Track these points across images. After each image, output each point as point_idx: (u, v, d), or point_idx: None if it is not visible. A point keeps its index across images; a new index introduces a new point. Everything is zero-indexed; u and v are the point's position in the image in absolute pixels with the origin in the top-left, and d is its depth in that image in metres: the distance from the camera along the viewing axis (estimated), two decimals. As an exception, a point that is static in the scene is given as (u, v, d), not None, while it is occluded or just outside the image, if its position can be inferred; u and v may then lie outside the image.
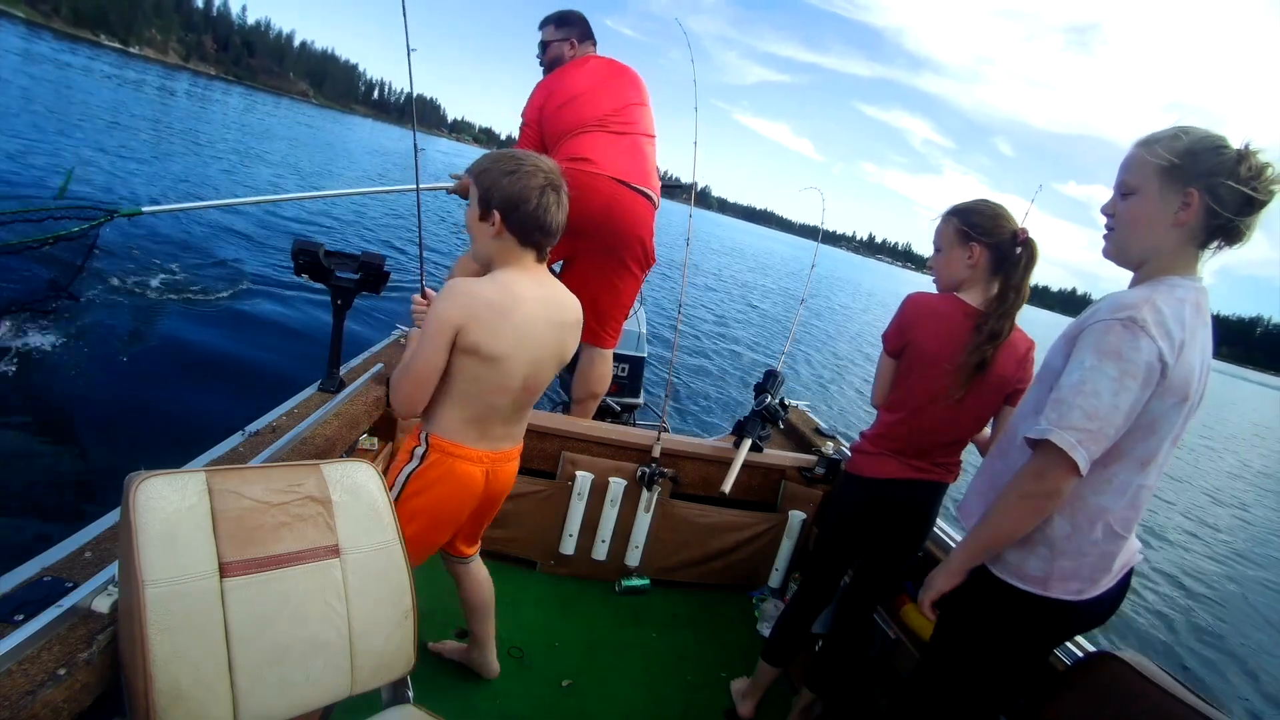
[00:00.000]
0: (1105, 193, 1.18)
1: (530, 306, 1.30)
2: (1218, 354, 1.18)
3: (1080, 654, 1.44)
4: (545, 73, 2.63)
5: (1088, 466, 1.04)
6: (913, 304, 1.57)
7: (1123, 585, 1.22)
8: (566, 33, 2.61)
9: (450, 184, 2.74)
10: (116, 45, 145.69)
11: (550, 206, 1.28)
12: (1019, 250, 1.51)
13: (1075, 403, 1.04)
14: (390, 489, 1.27)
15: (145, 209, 2.36)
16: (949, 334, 1.51)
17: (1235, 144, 1.05)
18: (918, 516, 1.64)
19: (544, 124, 2.50)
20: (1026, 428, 1.12)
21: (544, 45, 2.64)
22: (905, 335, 1.56)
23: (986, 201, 1.57)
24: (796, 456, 2.49)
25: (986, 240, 1.52)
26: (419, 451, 1.37)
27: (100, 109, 17.13)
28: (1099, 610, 1.20)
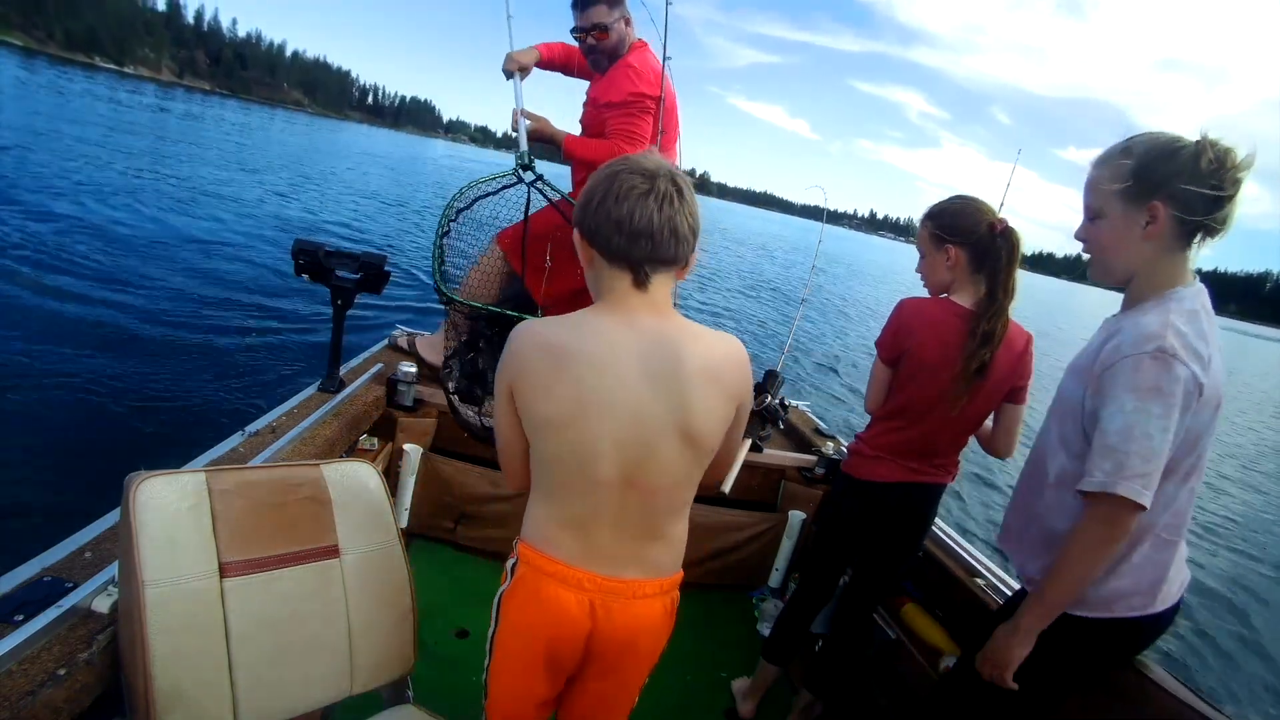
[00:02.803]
0: None
1: (607, 353, 0.89)
2: (1224, 310, 1.14)
3: None
4: (604, 64, 2.28)
5: (1151, 501, 1.02)
6: (906, 311, 1.55)
7: (1180, 603, 1.19)
8: (622, 10, 2.22)
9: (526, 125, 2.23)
10: (111, 66, 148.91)
11: (628, 193, 0.87)
12: (998, 243, 1.48)
13: (1130, 450, 1.02)
14: (491, 624, 1.03)
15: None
16: (945, 340, 1.49)
17: (1191, 139, 1.03)
18: (915, 518, 1.64)
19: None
20: (1074, 476, 1.09)
21: (602, 28, 2.19)
22: (901, 344, 1.54)
23: (959, 198, 1.55)
24: (796, 456, 2.49)
25: (960, 240, 1.50)
26: (510, 565, 1.01)
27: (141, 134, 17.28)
28: (1160, 625, 1.17)
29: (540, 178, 2.15)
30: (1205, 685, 3.66)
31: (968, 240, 1.50)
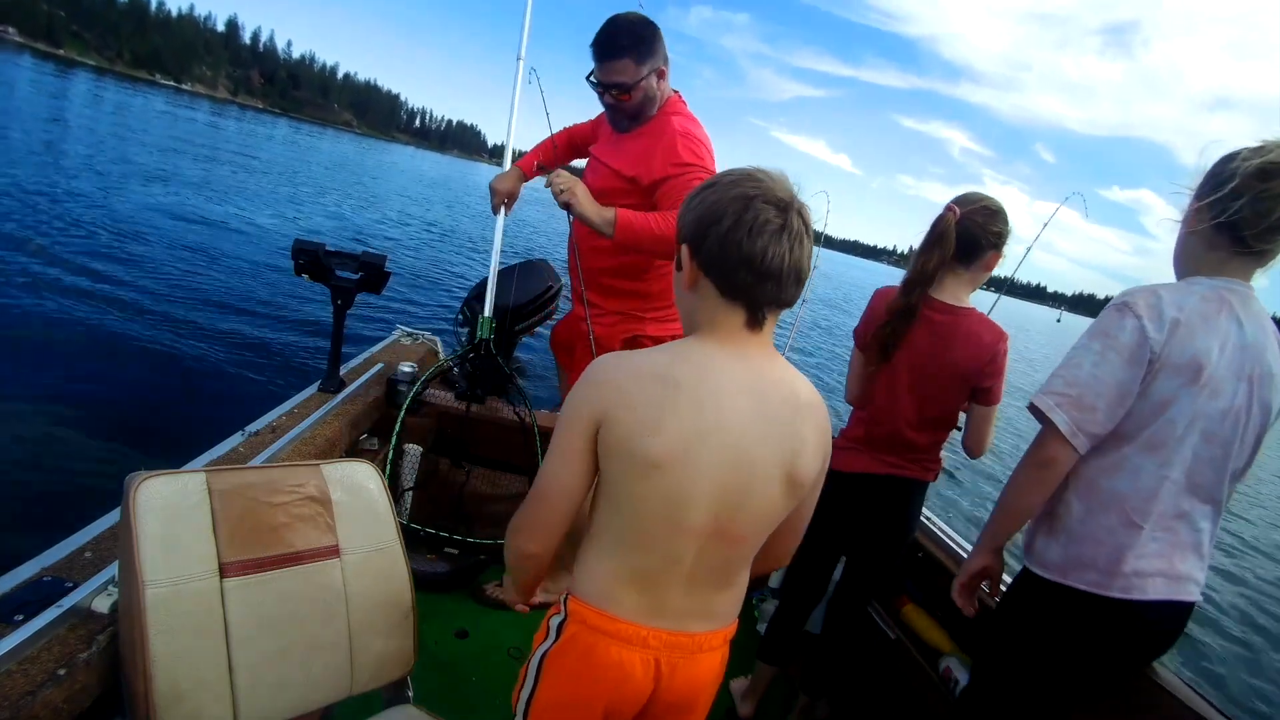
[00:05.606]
0: (1150, 197, 1.24)
1: (721, 391, 0.81)
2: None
3: None
4: (624, 124, 1.88)
5: (1075, 434, 1.10)
6: (877, 297, 1.59)
7: (1170, 612, 1.15)
8: (654, 62, 1.77)
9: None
10: (170, 83, 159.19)
11: (763, 228, 0.77)
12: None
13: (1059, 373, 1.14)
14: (522, 682, 0.92)
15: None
16: None
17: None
18: (893, 513, 1.63)
19: None
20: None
21: (624, 89, 1.77)
22: (868, 326, 1.57)
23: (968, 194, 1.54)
24: None
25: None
26: (556, 622, 0.90)
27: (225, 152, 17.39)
28: (1134, 618, 1.13)
29: (493, 356, 2.13)
30: (1224, 693, 3.60)
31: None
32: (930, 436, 1.59)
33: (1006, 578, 1.65)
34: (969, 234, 1.46)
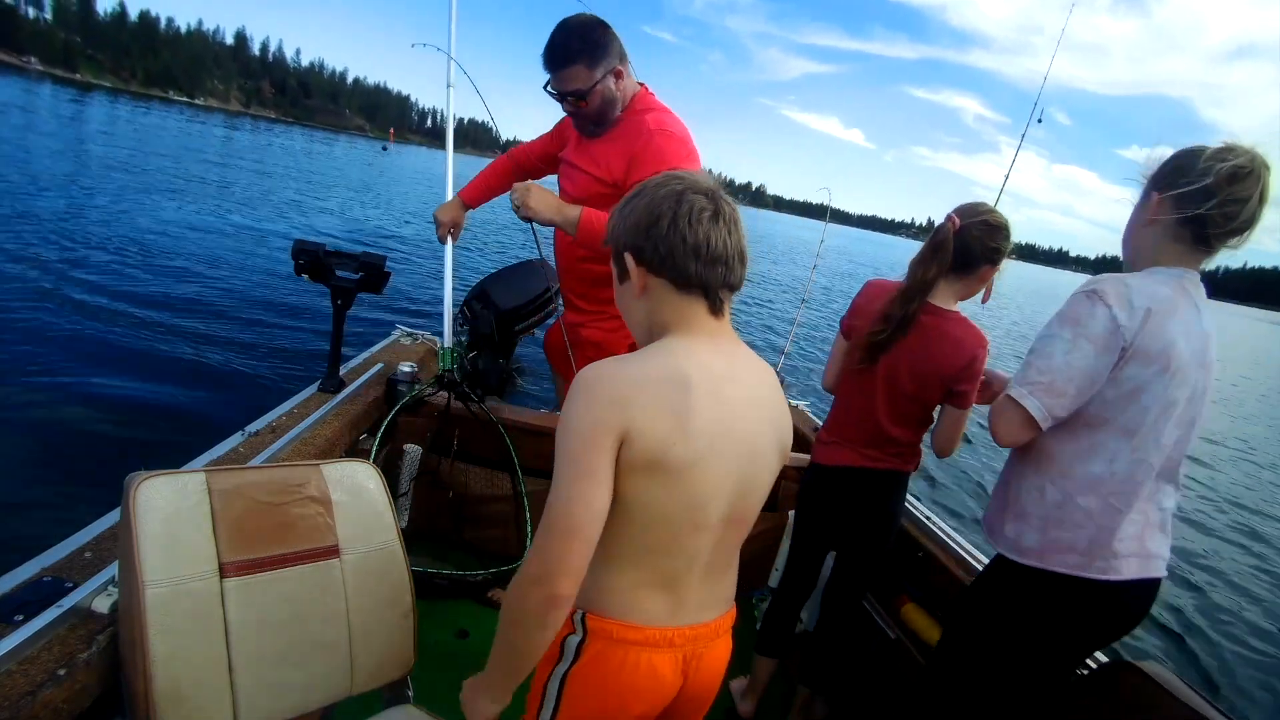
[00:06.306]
0: (1170, 153, 1.22)
1: (724, 384, 0.83)
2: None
3: (1094, 664, 1.41)
4: (589, 129, 1.82)
5: (1043, 416, 1.13)
6: (866, 288, 1.61)
7: (1141, 591, 1.19)
8: (609, 64, 1.69)
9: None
10: (184, 99, 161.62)
11: (700, 216, 0.81)
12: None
13: (1031, 362, 1.17)
14: (539, 703, 0.90)
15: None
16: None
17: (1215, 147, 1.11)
18: (875, 504, 1.65)
19: None
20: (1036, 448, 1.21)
21: (580, 96, 1.70)
22: (855, 319, 1.59)
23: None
24: (796, 456, 2.47)
25: None
26: (573, 642, 0.87)
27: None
28: (1114, 599, 1.17)
29: (461, 383, 2.12)
30: (1220, 690, 3.59)
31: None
32: (909, 431, 1.60)
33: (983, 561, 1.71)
34: (965, 246, 1.47)
